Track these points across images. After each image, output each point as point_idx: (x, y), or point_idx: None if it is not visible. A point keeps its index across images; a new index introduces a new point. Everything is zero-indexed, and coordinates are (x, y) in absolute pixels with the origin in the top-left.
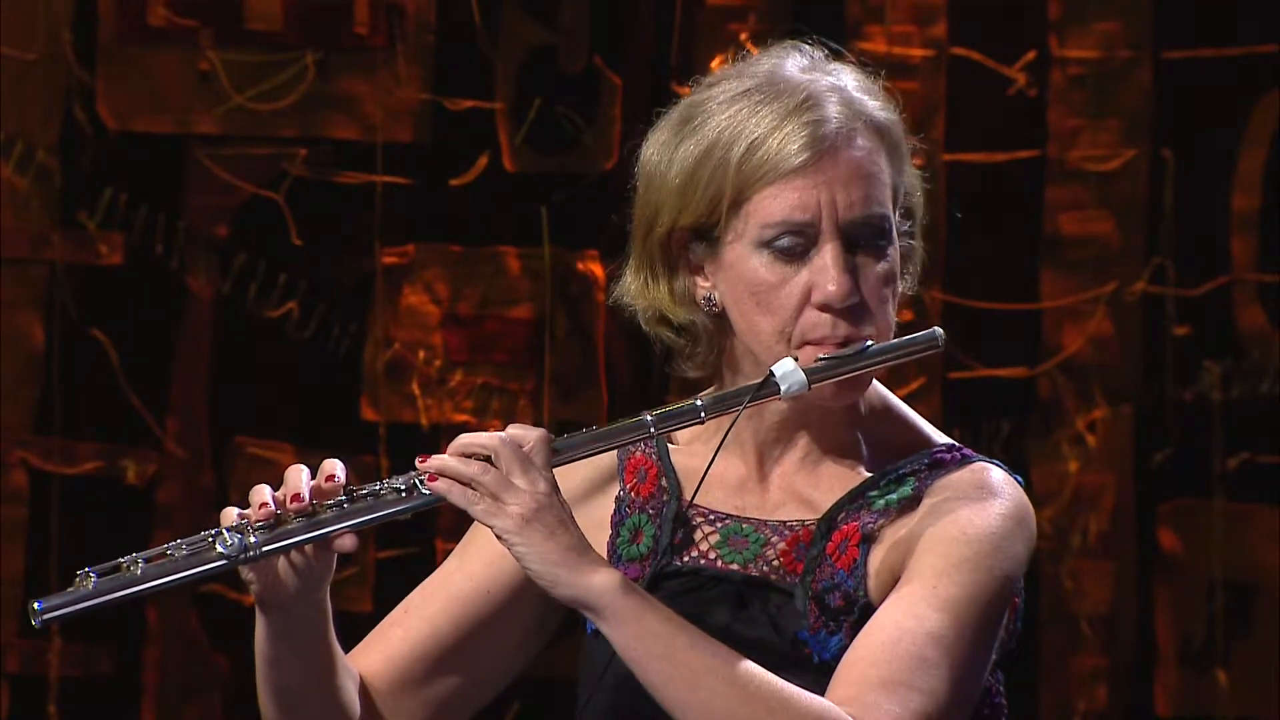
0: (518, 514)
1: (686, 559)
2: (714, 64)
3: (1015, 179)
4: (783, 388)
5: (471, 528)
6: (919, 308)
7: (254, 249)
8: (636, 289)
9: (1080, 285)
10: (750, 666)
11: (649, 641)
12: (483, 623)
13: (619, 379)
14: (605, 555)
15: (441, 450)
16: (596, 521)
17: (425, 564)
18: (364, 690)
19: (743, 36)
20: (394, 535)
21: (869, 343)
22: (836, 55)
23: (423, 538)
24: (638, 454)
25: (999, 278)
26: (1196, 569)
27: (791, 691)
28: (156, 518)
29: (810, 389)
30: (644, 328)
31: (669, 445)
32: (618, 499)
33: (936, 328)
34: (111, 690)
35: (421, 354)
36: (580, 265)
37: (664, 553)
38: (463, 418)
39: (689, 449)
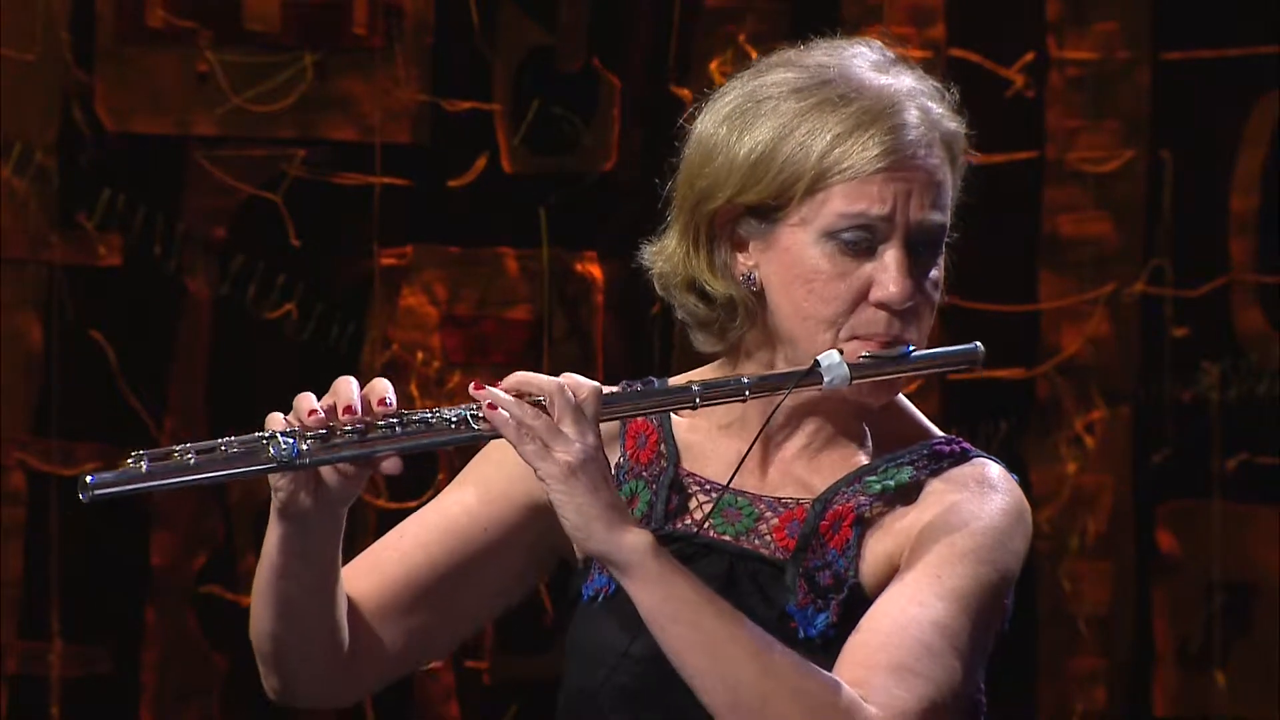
0: (565, 462)
1: (679, 526)
2: (712, 65)
3: (1014, 180)
4: (826, 380)
5: (472, 461)
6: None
7: (252, 250)
8: (678, 257)
9: (1079, 286)
10: (772, 641)
11: (675, 604)
12: (474, 559)
13: (618, 380)
14: None
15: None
16: None
17: None
18: (352, 610)
19: (740, 37)
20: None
21: (911, 347)
22: (899, 59)
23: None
24: (639, 420)
25: (997, 279)
26: (1195, 570)
27: (810, 669)
28: (155, 518)
29: (850, 384)
30: (660, 292)
31: (671, 416)
32: (617, 465)
33: (978, 343)
34: (110, 691)
35: (420, 355)
36: (579, 266)
37: (657, 519)
38: None
39: (690, 422)
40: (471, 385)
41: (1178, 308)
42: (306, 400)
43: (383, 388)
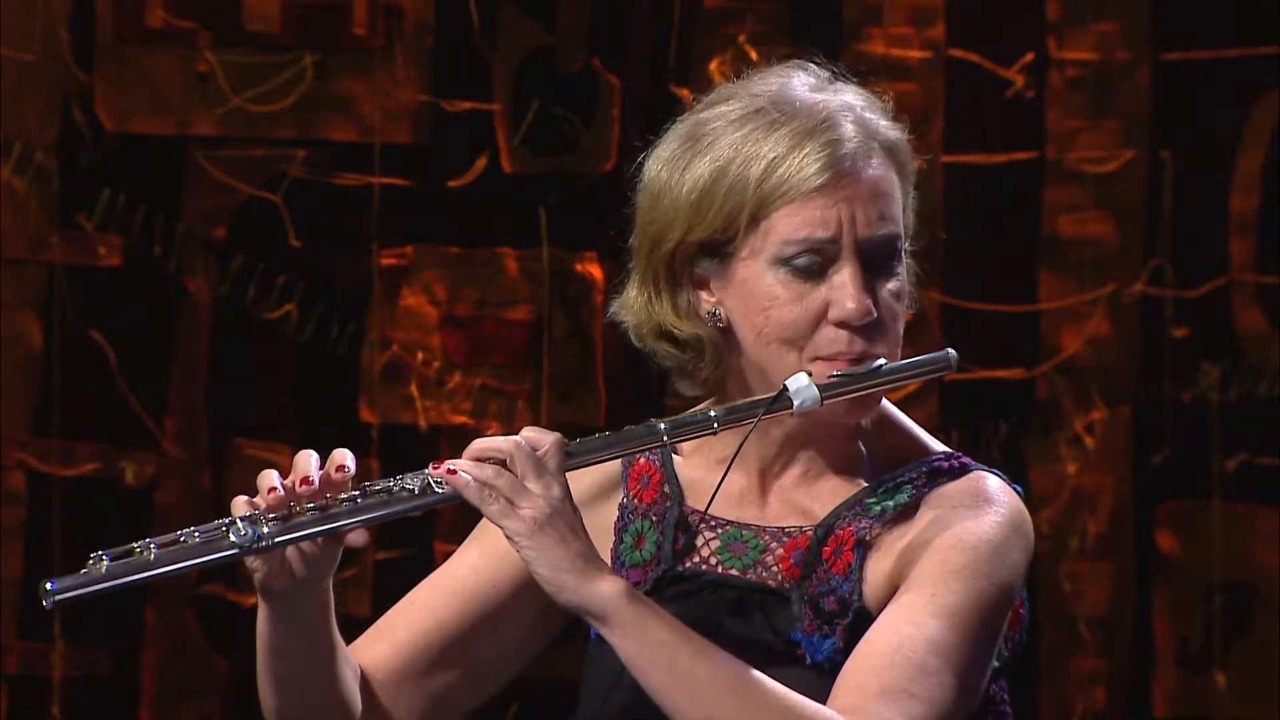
0: (530, 518)
1: (688, 564)
2: (712, 65)
3: (1013, 180)
4: (796, 402)
5: (480, 523)
6: (917, 309)
7: (252, 250)
8: (640, 305)
9: (1078, 287)
10: (755, 675)
11: (653, 649)
12: (486, 617)
13: (617, 380)
14: (610, 560)
15: (455, 455)
16: (601, 528)
17: (423, 565)
18: (365, 682)
19: (740, 38)
20: (392, 537)
21: (881, 361)
22: (840, 76)
23: (421, 539)
24: (641, 461)
25: (997, 279)
26: (1195, 570)
27: (795, 700)
28: (155, 519)
29: (822, 405)
30: (637, 344)
31: (673, 455)
32: (621, 506)
33: (949, 350)
34: (110, 691)
35: (420, 355)
36: (579, 267)
37: (666, 559)
38: (461, 419)
39: (692, 460)
40: (430, 465)
41: (1178, 308)
42: (267, 479)
43: (340, 455)
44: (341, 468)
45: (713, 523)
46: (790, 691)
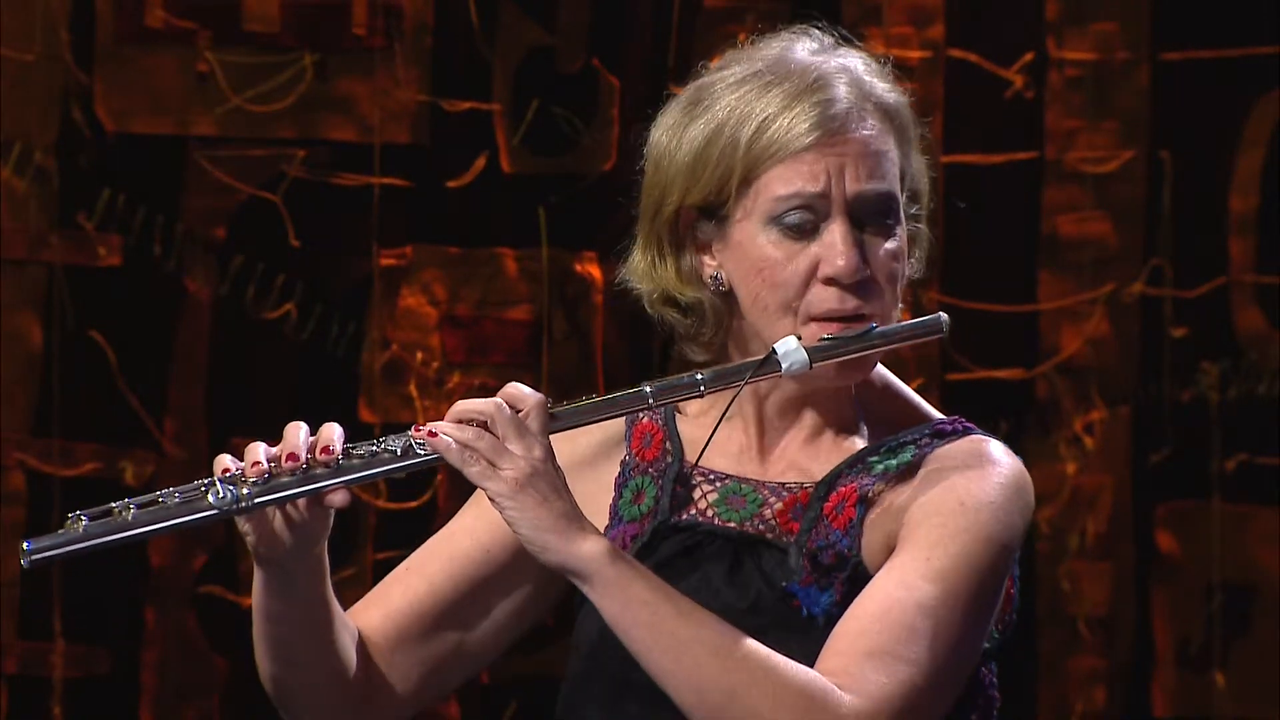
0: (511, 478)
1: (685, 516)
2: (712, 65)
3: (1013, 180)
4: (784, 365)
5: (476, 491)
6: (917, 309)
7: (252, 250)
8: (644, 269)
9: (1078, 286)
10: (737, 635)
11: (635, 609)
12: (481, 583)
13: (617, 380)
14: (608, 515)
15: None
16: (603, 485)
17: None
18: (362, 647)
19: (740, 38)
20: (391, 537)
21: (873, 325)
22: (845, 41)
23: (420, 539)
24: (644, 420)
25: (996, 279)
26: (1194, 570)
27: (777, 660)
28: None
29: (812, 368)
30: (648, 310)
31: (676, 414)
32: (623, 462)
33: (942, 313)
34: (110, 691)
35: (419, 355)
36: (578, 266)
37: (663, 511)
38: None
39: (695, 419)
40: (413, 428)
41: (1177, 308)
42: (254, 450)
43: (329, 434)
44: (327, 449)
45: (711, 476)
46: (774, 653)
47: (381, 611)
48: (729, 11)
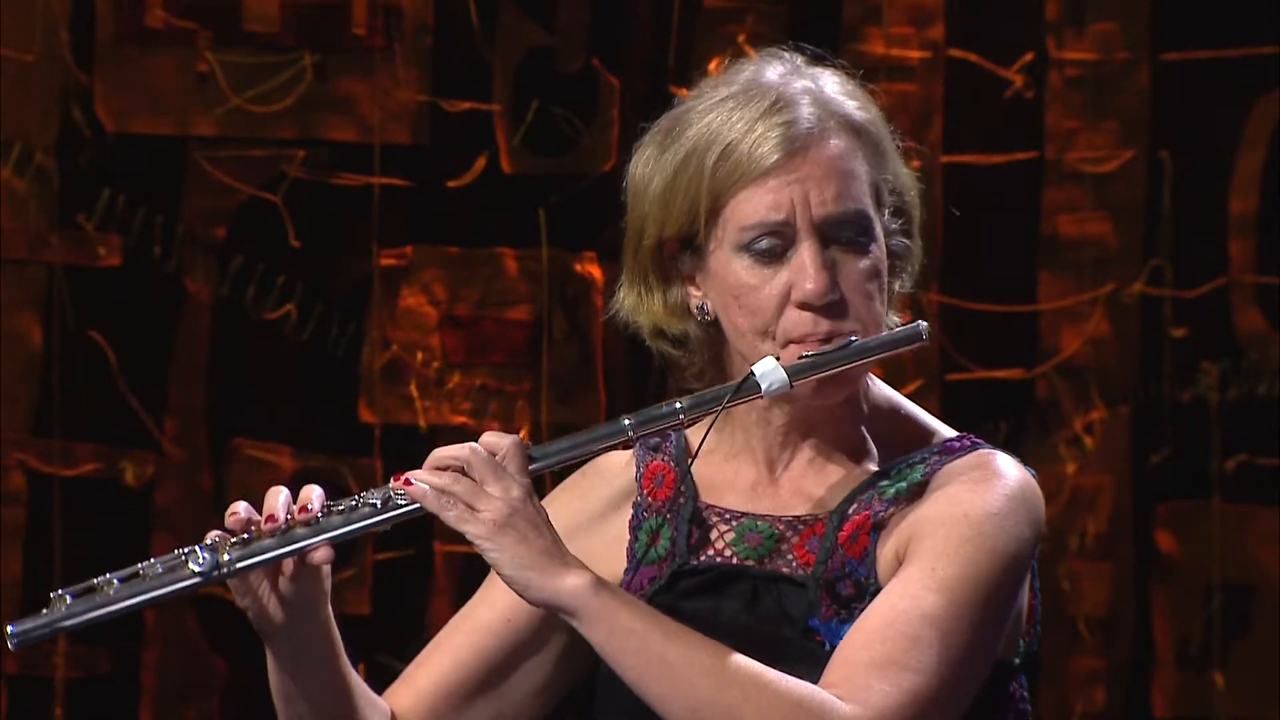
0: (489, 519)
1: (703, 557)
2: (711, 65)
3: (1013, 181)
4: (764, 386)
5: None
6: (916, 310)
7: (252, 251)
8: (631, 303)
9: (1078, 287)
10: (728, 654)
11: (622, 637)
12: (508, 653)
13: (617, 380)
14: (627, 560)
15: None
16: (618, 533)
17: (423, 566)
18: None
19: (740, 38)
20: (392, 538)
21: (852, 339)
22: (818, 59)
23: (420, 540)
24: (655, 461)
25: (996, 279)
26: (1194, 570)
27: (772, 676)
28: (155, 519)
29: (793, 387)
30: (647, 342)
31: (686, 455)
32: (635, 504)
33: (921, 321)
34: (110, 691)
35: (419, 355)
36: (578, 267)
37: (681, 554)
38: (461, 419)
39: (703, 457)
40: (392, 479)
41: (1177, 308)
42: (234, 509)
43: (307, 495)
44: (304, 509)
45: (726, 515)
46: (768, 669)
47: (412, 692)
48: (729, 11)
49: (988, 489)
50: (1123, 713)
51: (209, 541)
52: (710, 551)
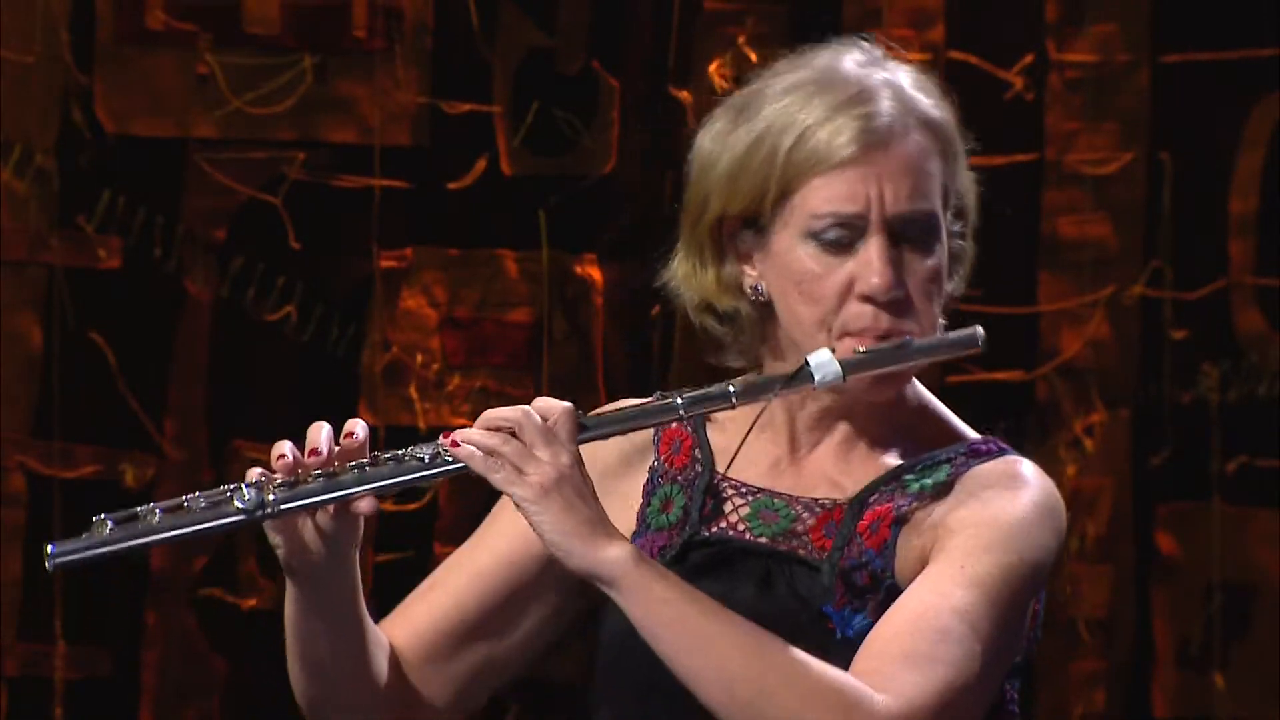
0: (537, 483)
1: (715, 529)
2: (711, 66)
3: (1012, 182)
4: (817, 378)
5: (498, 503)
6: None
7: (252, 252)
8: (684, 275)
9: (1078, 288)
10: (765, 635)
11: (661, 610)
12: (507, 596)
13: (617, 381)
14: (635, 523)
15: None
16: (630, 492)
17: (423, 567)
18: (394, 661)
19: (740, 39)
20: (391, 539)
21: (909, 338)
22: (893, 53)
23: (420, 541)
24: (673, 426)
25: (996, 281)
26: (1195, 572)
27: (808, 659)
28: None
29: (846, 381)
30: (691, 317)
31: (706, 422)
32: (651, 469)
33: (978, 326)
34: (110, 692)
35: (419, 357)
36: (578, 268)
37: (693, 523)
38: (460, 421)
39: (725, 426)
40: (442, 434)
41: (1177, 310)
42: (280, 447)
43: (352, 423)
44: (351, 434)
45: (742, 489)
46: (803, 652)
47: (409, 629)
48: (728, 13)
49: (1017, 496)
50: (1123, 714)
51: (254, 480)
52: (723, 524)
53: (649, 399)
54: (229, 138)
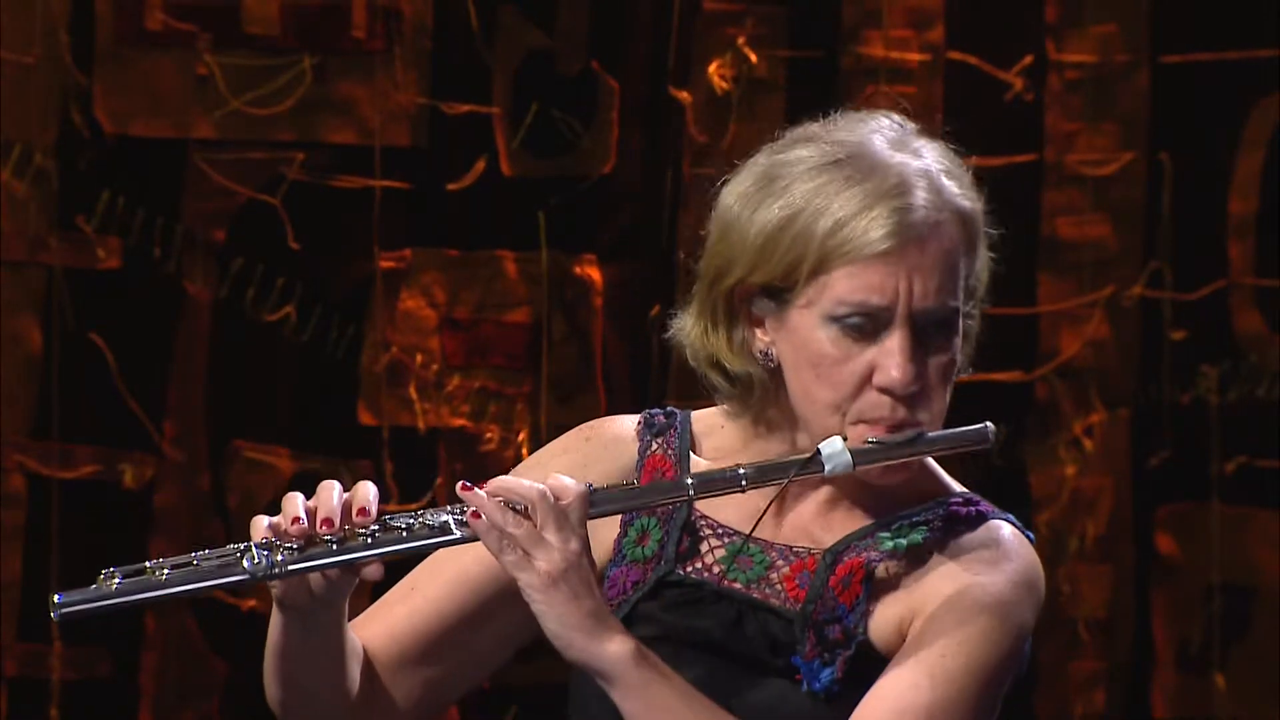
0: (545, 572)
1: (690, 570)
2: (710, 67)
3: (1012, 183)
4: (827, 468)
5: None
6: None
7: (252, 253)
8: (696, 334)
9: (1077, 289)
10: None
11: (658, 713)
12: (485, 606)
13: (616, 382)
14: (613, 551)
15: (454, 458)
16: (608, 521)
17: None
18: (365, 663)
19: (739, 41)
20: None
21: (921, 431)
22: (920, 132)
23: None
24: (656, 455)
25: (996, 281)
26: (1194, 572)
27: None
28: (154, 521)
29: (855, 470)
30: (691, 363)
31: (691, 454)
32: None
33: (989, 424)
34: (109, 693)
35: (419, 358)
36: (577, 269)
37: (668, 560)
38: (460, 422)
39: (709, 465)
40: (459, 486)
41: (1176, 310)
42: (292, 505)
43: (364, 496)
44: (363, 511)
45: (720, 530)
46: None
47: (385, 631)
48: (728, 14)
49: (997, 572)
50: (1123, 714)
51: (263, 538)
52: (699, 564)
53: (651, 420)
54: (228, 138)
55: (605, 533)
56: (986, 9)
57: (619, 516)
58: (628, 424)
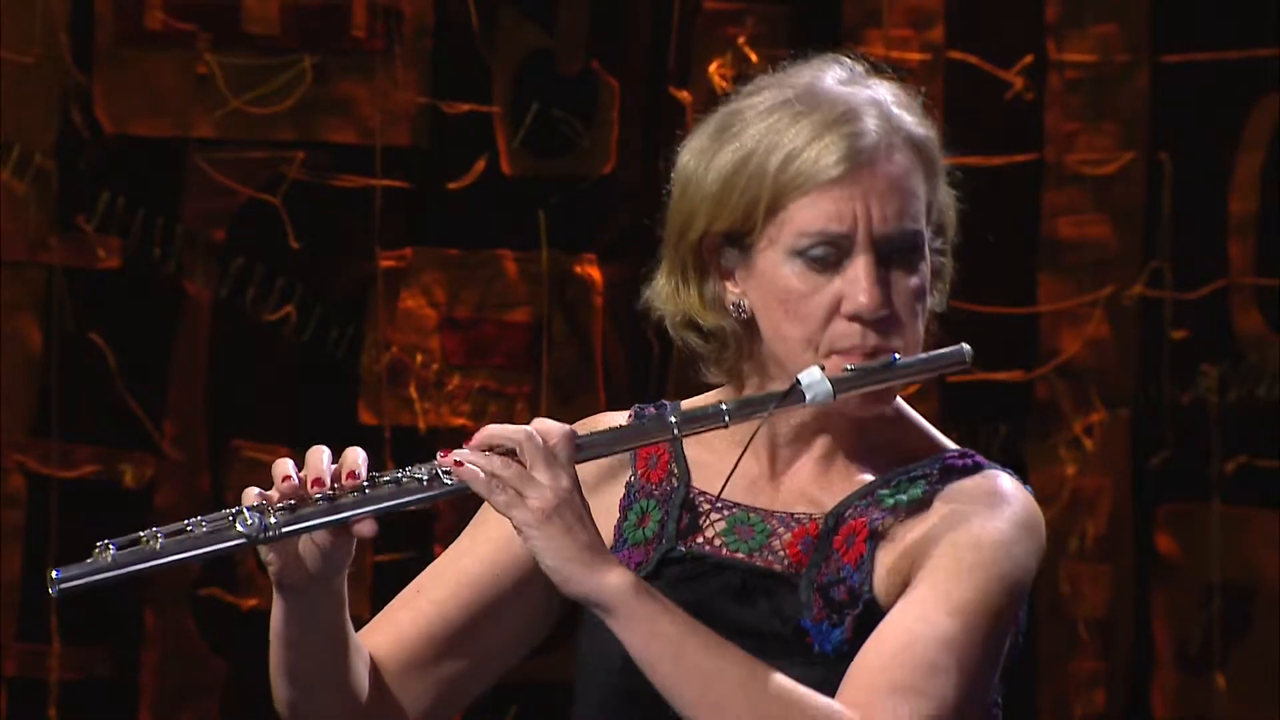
0: (537, 508)
1: (691, 545)
2: (711, 67)
3: (1012, 183)
4: (808, 396)
5: (481, 509)
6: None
7: (252, 252)
8: (667, 293)
9: (1078, 289)
10: (763, 669)
11: (660, 643)
12: (490, 606)
13: (617, 382)
14: (613, 538)
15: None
16: (607, 505)
17: (422, 567)
18: (373, 670)
19: (740, 40)
20: (391, 539)
21: (896, 356)
22: (875, 70)
23: (420, 542)
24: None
25: (996, 281)
26: (1194, 572)
27: (802, 693)
28: (154, 521)
29: (835, 399)
30: (671, 332)
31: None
32: (628, 484)
33: (964, 344)
34: (109, 693)
35: (419, 358)
36: (578, 269)
37: (669, 538)
38: (460, 421)
39: (702, 441)
40: (439, 453)
41: (1177, 310)
42: (282, 467)
43: (353, 460)
44: (352, 475)
45: (719, 504)
46: (798, 685)
47: (391, 637)
48: (728, 14)
49: (996, 514)
50: (1123, 714)
51: (253, 502)
52: (700, 539)
53: (640, 413)
54: (228, 138)
55: (605, 519)
56: (986, 9)
57: (618, 503)
58: (619, 419)
